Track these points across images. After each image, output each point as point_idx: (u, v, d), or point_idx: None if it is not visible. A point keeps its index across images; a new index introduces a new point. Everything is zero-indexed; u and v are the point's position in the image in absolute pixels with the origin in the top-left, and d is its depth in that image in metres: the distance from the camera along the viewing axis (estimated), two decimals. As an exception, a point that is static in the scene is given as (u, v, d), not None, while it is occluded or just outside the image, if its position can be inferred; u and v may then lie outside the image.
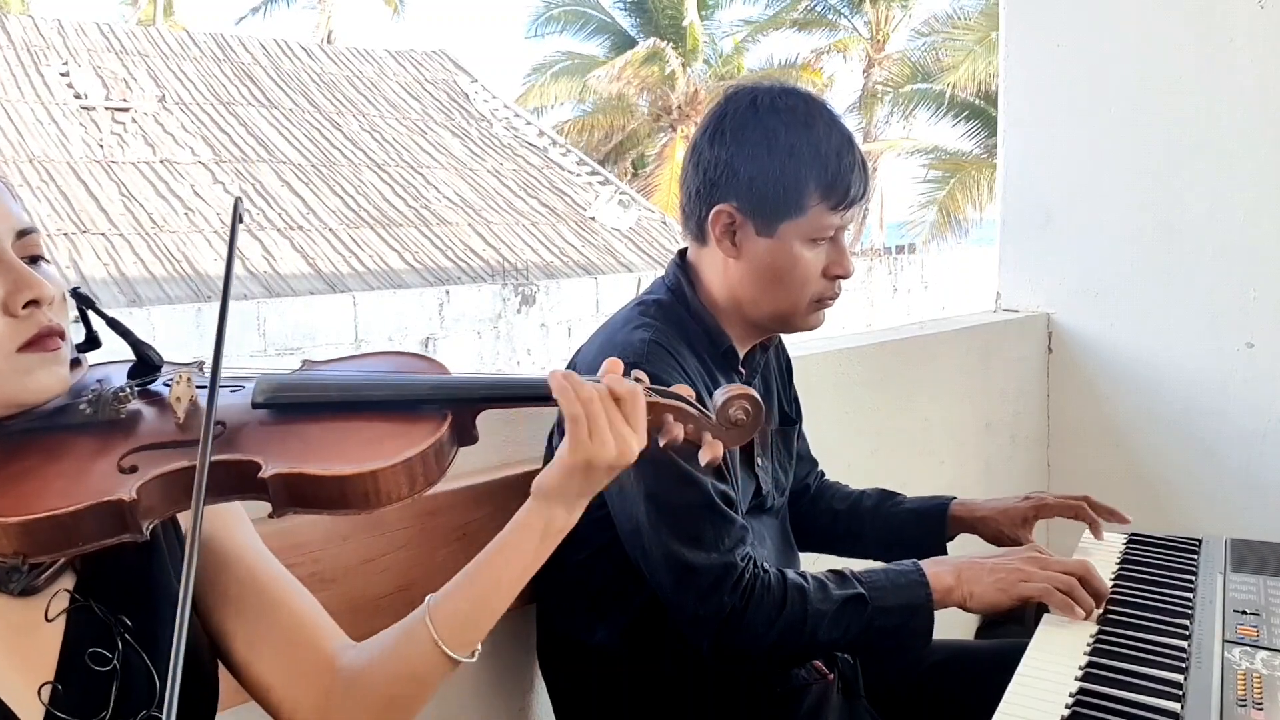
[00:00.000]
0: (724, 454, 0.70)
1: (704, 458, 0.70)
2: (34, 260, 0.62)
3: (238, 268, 7.94)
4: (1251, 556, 1.05)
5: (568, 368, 1.01)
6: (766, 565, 0.93)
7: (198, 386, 0.63)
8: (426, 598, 0.68)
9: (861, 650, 0.98)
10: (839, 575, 0.94)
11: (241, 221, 0.65)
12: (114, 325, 0.67)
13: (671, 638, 0.97)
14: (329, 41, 15.23)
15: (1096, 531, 1.11)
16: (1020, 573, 0.93)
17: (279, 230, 8.07)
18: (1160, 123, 1.97)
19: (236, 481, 0.60)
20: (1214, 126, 1.92)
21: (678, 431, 0.69)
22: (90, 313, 0.66)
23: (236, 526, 0.70)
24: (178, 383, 0.63)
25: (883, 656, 1.01)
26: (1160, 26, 1.96)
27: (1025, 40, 2.13)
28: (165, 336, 6.05)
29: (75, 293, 0.66)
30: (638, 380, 0.70)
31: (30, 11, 13.94)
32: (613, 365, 0.69)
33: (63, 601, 0.60)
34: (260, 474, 0.59)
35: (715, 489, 0.92)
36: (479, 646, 0.68)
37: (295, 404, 0.64)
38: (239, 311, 6.62)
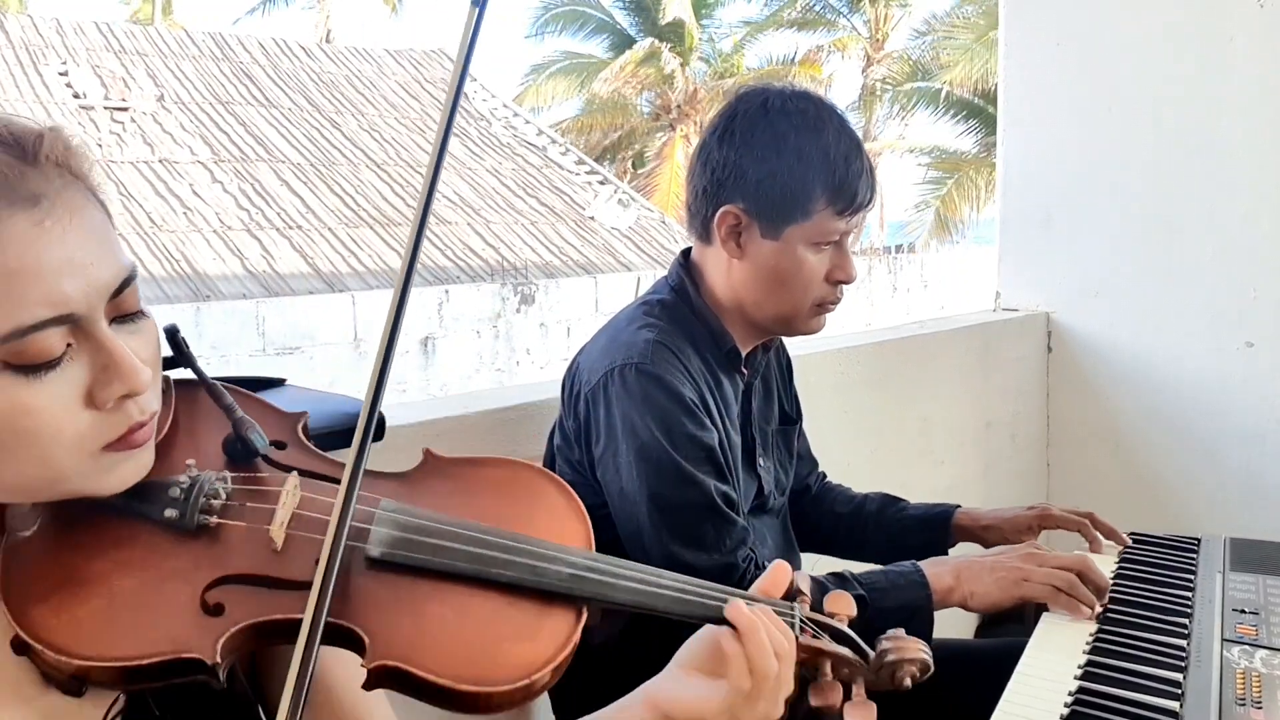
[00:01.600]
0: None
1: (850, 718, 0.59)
2: (129, 317, 0.50)
3: (236, 267, 7.93)
4: (1251, 556, 1.05)
5: (571, 367, 1.02)
6: (768, 565, 0.93)
7: (304, 495, 0.53)
8: None
9: None
10: (839, 577, 0.94)
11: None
12: (211, 391, 0.57)
13: (670, 638, 0.97)
14: (328, 41, 15.22)
15: (1096, 548, 1.11)
16: (1020, 571, 0.93)
17: (278, 230, 8.06)
18: (1160, 122, 1.97)
19: (333, 641, 0.51)
20: (1214, 126, 1.92)
21: (835, 698, 0.59)
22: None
23: (347, 660, 0.57)
24: (283, 503, 0.52)
25: None
26: (1160, 26, 1.96)
27: (1025, 39, 2.13)
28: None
29: (172, 336, 0.57)
30: (799, 594, 0.61)
31: (28, 11, 13.92)
32: (778, 573, 0.59)
33: (120, 704, 0.52)
34: (364, 657, 0.50)
35: (717, 490, 0.92)
36: None
37: (414, 566, 0.54)
38: (237, 310, 6.62)
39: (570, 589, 0.56)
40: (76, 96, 8.68)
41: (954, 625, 1.00)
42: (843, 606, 0.63)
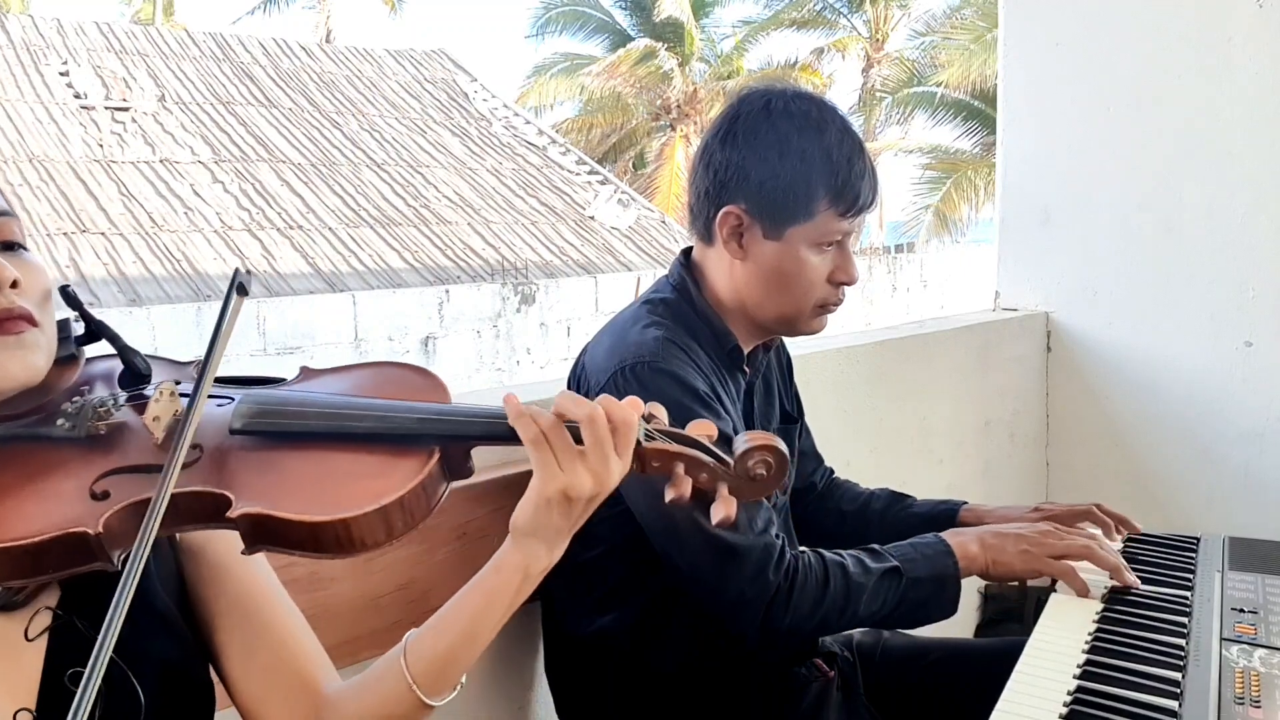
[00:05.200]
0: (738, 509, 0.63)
1: (716, 515, 0.62)
2: (9, 247, 0.59)
3: (236, 266, 7.96)
4: (1249, 555, 1.05)
5: (575, 367, 1.02)
6: (801, 547, 0.94)
7: (183, 396, 0.59)
8: (406, 634, 0.66)
9: (894, 623, 0.99)
10: (871, 551, 0.96)
11: (245, 293, 0.61)
12: (100, 328, 0.65)
13: (674, 634, 0.98)
14: (328, 41, 15.22)
15: (1109, 533, 1.11)
16: (1043, 546, 0.95)
17: (278, 230, 8.07)
18: (1159, 122, 1.97)
19: (205, 512, 0.57)
20: (1213, 125, 1.92)
21: (685, 487, 0.62)
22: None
23: (235, 541, 0.67)
24: (157, 398, 0.59)
25: (911, 626, 1.02)
26: (1159, 26, 1.96)
27: (1024, 39, 2.13)
28: (165, 336, 6.05)
29: (64, 291, 0.64)
30: (652, 415, 0.64)
31: (30, 11, 13.92)
32: (632, 404, 0.62)
33: (44, 620, 0.58)
34: (229, 511, 0.56)
35: None
36: (462, 680, 0.66)
37: (275, 431, 0.60)
38: (240, 312, 6.61)
39: (418, 430, 0.60)
40: (77, 96, 8.68)
41: (953, 625, 1.00)
42: (703, 429, 0.65)
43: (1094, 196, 2.06)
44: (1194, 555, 1.06)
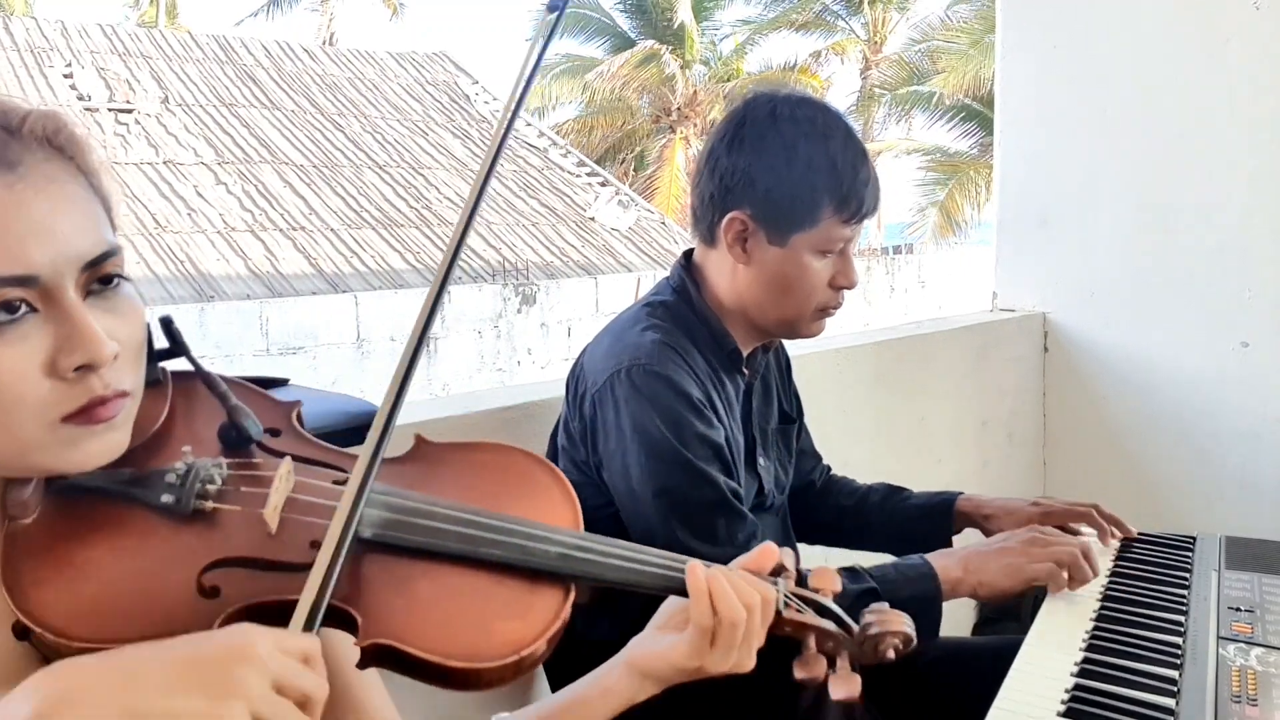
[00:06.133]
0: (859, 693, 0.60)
1: (837, 693, 0.61)
2: (107, 281, 0.50)
3: (240, 268, 7.93)
4: (1246, 554, 1.05)
5: (574, 368, 1.02)
6: None
7: (298, 480, 0.54)
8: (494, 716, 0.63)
9: None
10: (850, 571, 0.95)
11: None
12: (205, 379, 0.58)
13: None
14: (330, 43, 15.25)
15: (1104, 539, 1.10)
16: (1027, 555, 0.95)
17: (281, 231, 8.08)
18: (1156, 124, 1.98)
19: (328, 620, 0.51)
20: (1210, 127, 1.92)
21: (819, 669, 0.61)
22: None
23: (333, 638, 0.58)
24: (276, 487, 0.53)
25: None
26: (1157, 28, 1.96)
27: (1022, 42, 2.13)
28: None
29: (166, 326, 0.57)
30: (782, 567, 0.63)
31: (34, 13, 13.96)
32: (766, 555, 0.62)
33: None
34: (357, 636, 0.51)
35: (728, 486, 0.93)
36: None
37: (405, 546, 0.55)
38: (241, 311, 6.64)
39: (558, 567, 0.57)
40: (81, 98, 8.70)
41: (951, 623, 1.01)
42: (827, 582, 0.64)
43: (1091, 198, 2.06)
44: (1191, 554, 1.07)
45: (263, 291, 7.23)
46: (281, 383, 0.78)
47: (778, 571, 0.64)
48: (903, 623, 0.63)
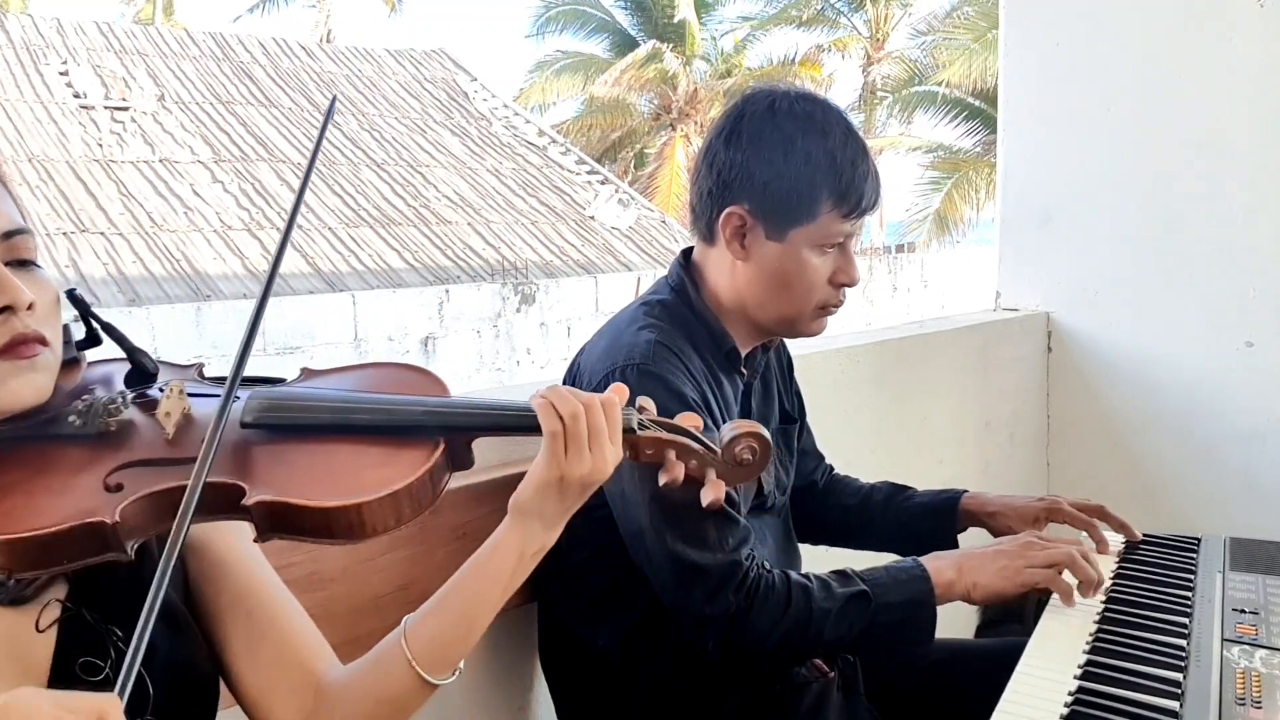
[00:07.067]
0: (726, 493, 0.67)
1: (706, 498, 0.68)
2: (23, 264, 0.60)
3: (237, 266, 7.93)
4: (1250, 555, 1.05)
5: (571, 367, 1.02)
6: (770, 566, 0.93)
7: (190, 395, 0.62)
8: (404, 619, 0.67)
9: (865, 648, 0.98)
10: (841, 574, 0.94)
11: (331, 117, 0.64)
12: (108, 330, 0.66)
13: (673, 637, 0.97)
14: (328, 40, 15.23)
15: (1103, 549, 1.09)
16: (1023, 558, 0.93)
17: (278, 229, 8.06)
18: (1160, 122, 1.97)
19: (220, 503, 0.59)
20: (1214, 126, 1.92)
21: (678, 471, 0.67)
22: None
23: (235, 535, 0.69)
24: (168, 396, 0.61)
25: (885, 653, 1.01)
26: (1160, 26, 1.96)
27: (1025, 39, 2.13)
28: (164, 336, 6.05)
29: (71, 295, 0.65)
30: (642, 408, 0.68)
31: (29, 10, 13.92)
32: (616, 390, 0.68)
33: (54, 611, 0.59)
34: (244, 500, 0.58)
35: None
36: (461, 665, 0.67)
37: (284, 425, 0.62)
38: (238, 310, 6.62)
39: (424, 421, 0.63)
40: (77, 96, 8.68)
41: (953, 625, 1.00)
42: (689, 420, 0.69)
43: (1094, 197, 2.06)
44: (1195, 556, 1.06)
45: (260, 291, 7.21)
46: (279, 382, 0.77)
47: (640, 409, 0.69)
48: (754, 425, 0.68)
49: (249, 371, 0.69)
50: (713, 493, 0.67)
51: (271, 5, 16.75)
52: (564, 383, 1.01)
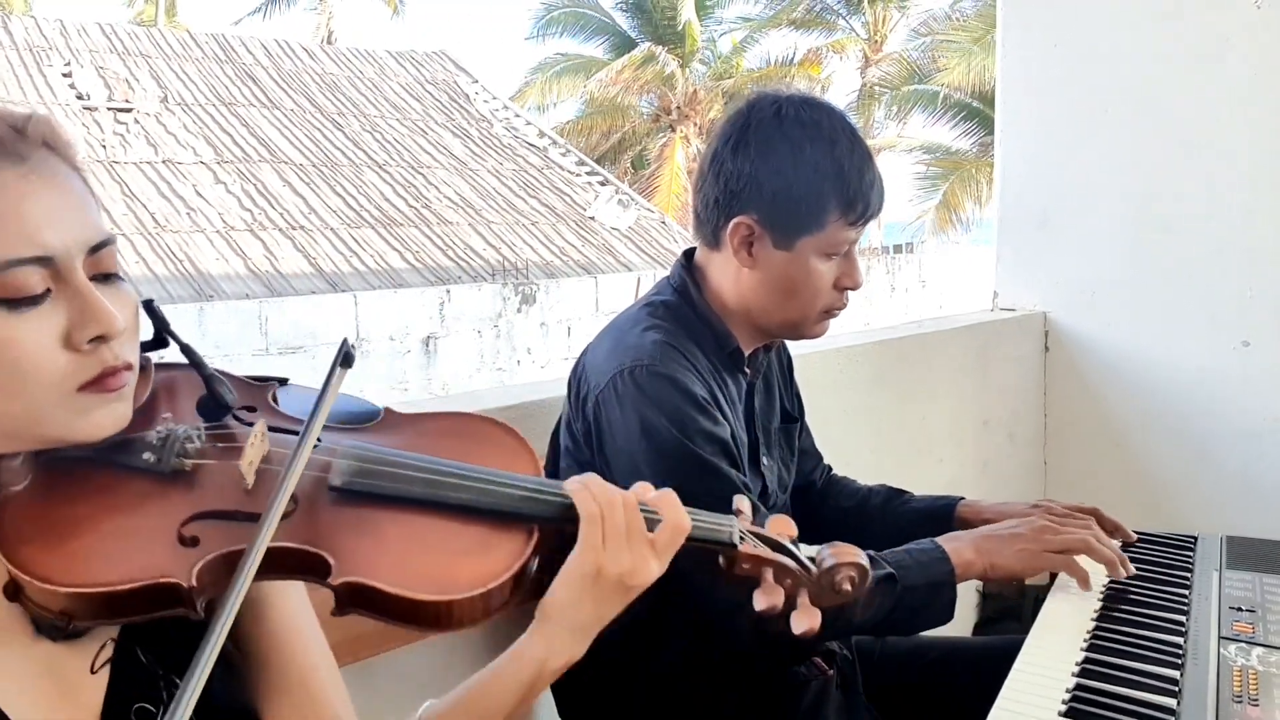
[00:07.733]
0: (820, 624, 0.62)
1: (798, 627, 0.62)
2: (107, 278, 0.54)
3: (239, 267, 7.94)
4: (1247, 554, 1.05)
5: (575, 368, 1.02)
6: None
7: (270, 430, 0.58)
8: (424, 705, 0.64)
9: (889, 629, 0.99)
10: (867, 556, 0.95)
11: (349, 365, 0.58)
12: (186, 351, 0.62)
13: (673, 634, 0.98)
14: (330, 42, 15.24)
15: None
16: (1040, 541, 0.95)
17: (280, 230, 8.08)
18: (1157, 123, 1.98)
19: (301, 567, 0.55)
20: (1211, 126, 1.92)
21: (778, 598, 0.62)
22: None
23: (296, 602, 0.66)
24: (251, 443, 0.56)
25: (906, 633, 1.02)
26: (1158, 28, 1.96)
27: (1023, 41, 2.13)
28: (166, 336, 6.05)
29: (148, 306, 0.61)
30: (738, 511, 0.64)
31: (33, 12, 13.95)
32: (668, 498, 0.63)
33: (108, 651, 0.56)
34: (329, 578, 0.54)
35: (739, 480, 0.93)
36: None
37: (374, 493, 0.58)
38: (240, 310, 6.64)
39: (519, 509, 0.60)
40: (80, 97, 8.70)
41: (952, 624, 1.01)
42: (784, 527, 0.66)
43: (1092, 197, 2.06)
44: (1192, 554, 1.07)
45: (262, 291, 7.23)
46: (281, 381, 0.78)
47: (736, 513, 0.66)
48: (855, 554, 0.64)
49: (251, 371, 0.68)
50: (806, 622, 0.61)
51: (273, 7, 16.78)
52: (569, 386, 1.02)
